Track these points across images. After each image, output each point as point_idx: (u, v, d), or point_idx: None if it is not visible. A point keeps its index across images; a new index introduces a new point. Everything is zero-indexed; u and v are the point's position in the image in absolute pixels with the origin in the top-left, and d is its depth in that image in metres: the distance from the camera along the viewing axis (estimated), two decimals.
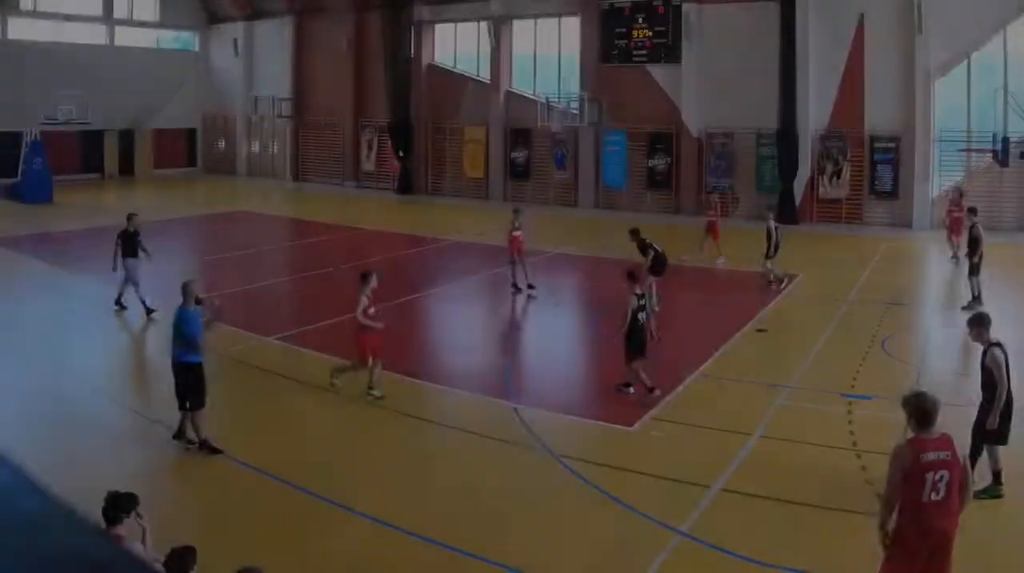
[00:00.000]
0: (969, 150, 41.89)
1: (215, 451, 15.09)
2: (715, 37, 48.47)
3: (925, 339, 23.59)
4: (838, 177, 46.10)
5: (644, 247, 25.49)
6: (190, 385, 15.26)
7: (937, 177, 44.70)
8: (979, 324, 13.83)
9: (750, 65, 46.88)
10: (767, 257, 28.89)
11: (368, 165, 61.46)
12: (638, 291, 18.01)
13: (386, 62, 57.79)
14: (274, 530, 12.47)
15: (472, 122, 56.63)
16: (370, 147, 61.17)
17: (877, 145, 45.25)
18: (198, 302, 15.71)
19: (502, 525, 12.75)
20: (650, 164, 50.76)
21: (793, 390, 18.32)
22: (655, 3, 50.12)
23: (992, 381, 13.33)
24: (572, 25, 53.32)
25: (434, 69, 58.90)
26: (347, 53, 60.81)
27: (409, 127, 57.94)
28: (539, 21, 55.03)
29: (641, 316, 17.60)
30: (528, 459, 15.08)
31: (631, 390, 17.89)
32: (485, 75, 56.43)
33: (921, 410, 9.41)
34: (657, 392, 17.60)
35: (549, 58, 54.74)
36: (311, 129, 64.35)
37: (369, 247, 37.73)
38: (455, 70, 58.34)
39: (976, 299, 25.34)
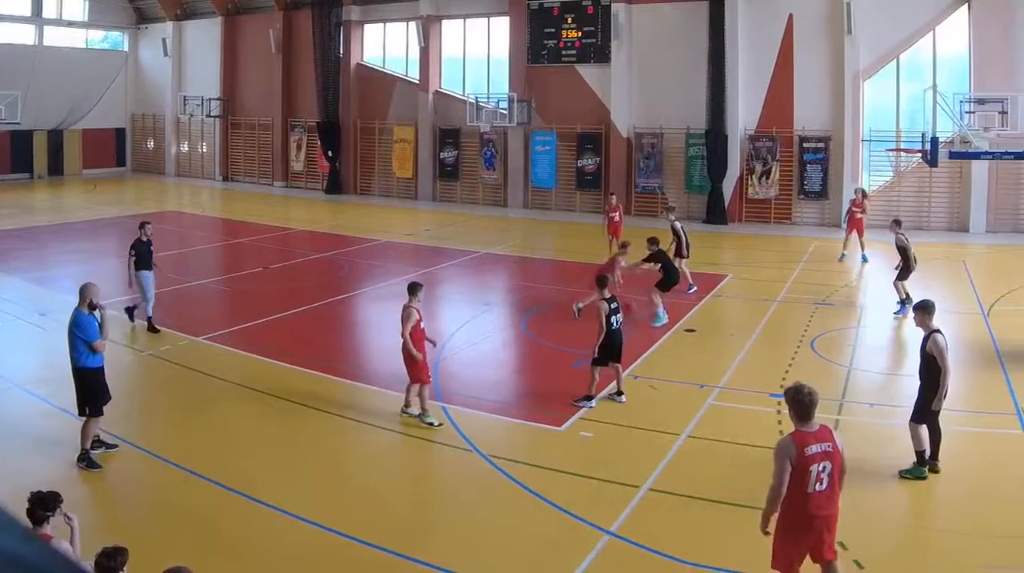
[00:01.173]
0: (898, 150, 40.20)
1: (93, 465, 14.14)
2: (644, 37, 46.67)
3: (855, 339, 22.52)
4: (767, 177, 44.25)
5: (655, 258, 24.26)
6: (87, 391, 14.37)
7: (866, 177, 43.32)
8: (923, 311, 14.03)
9: (680, 65, 45.31)
10: (681, 257, 27.24)
11: (297, 165, 58.97)
12: (607, 296, 17.08)
13: (315, 62, 55.45)
14: (201, 530, 12.02)
15: (401, 122, 54.26)
16: (299, 147, 58.58)
17: (806, 145, 43.46)
18: (92, 307, 14.46)
19: (431, 525, 12.49)
20: (579, 164, 48.66)
21: (722, 390, 17.86)
22: (584, 3, 48.14)
23: (933, 366, 13.50)
24: (501, 25, 51.18)
25: (363, 69, 56.39)
26: (276, 53, 58.38)
27: (338, 127, 55.53)
28: (468, 21, 52.78)
29: (614, 321, 16.85)
30: (457, 459, 14.69)
31: (592, 403, 16.91)
32: (414, 75, 53.99)
33: (798, 403, 9.67)
34: (592, 404, 16.85)
35: (478, 58, 52.58)
36: (240, 129, 61.59)
37: (298, 247, 36.38)
38: (384, 70, 55.94)
39: (905, 302, 24.14)
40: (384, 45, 55.95)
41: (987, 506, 12.55)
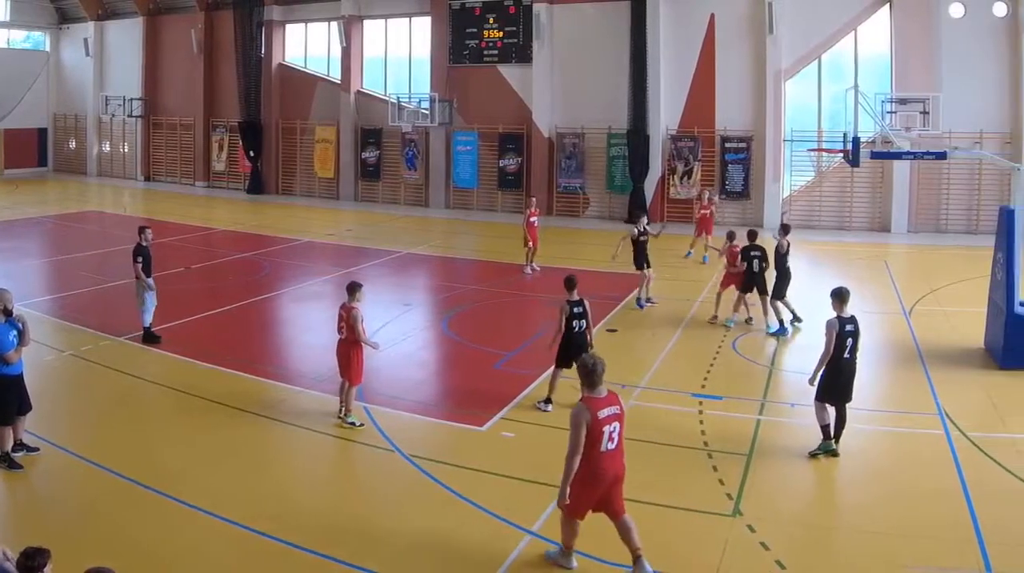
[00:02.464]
0: (820, 150, 38.43)
1: (15, 466, 13.23)
2: (566, 37, 44.25)
3: (776, 339, 21.43)
4: (689, 177, 41.93)
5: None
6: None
7: (788, 177, 41.27)
8: (835, 298, 14.05)
9: (601, 65, 43.05)
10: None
11: (219, 165, 55.46)
12: (574, 298, 16.04)
13: (237, 62, 52.30)
14: (123, 531, 11.32)
15: (323, 122, 51.27)
16: (221, 147, 55.22)
17: (728, 145, 41.24)
18: (8, 314, 13.26)
19: (352, 525, 11.63)
20: (501, 164, 46.10)
21: (644, 390, 17.07)
22: (506, 3, 45.73)
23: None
24: (423, 25, 48.54)
25: (285, 69, 53.26)
26: (198, 53, 54.91)
27: (260, 127, 52.33)
28: (390, 21, 50.02)
29: (577, 325, 15.91)
30: (379, 459, 13.97)
31: (549, 407, 15.94)
32: (336, 75, 51.04)
33: (590, 373, 10.06)
34: (549, 408, 15.93)
35: (400, 58, 49.95)
36: (162, 129, 57.90)
37: (219, 247, 34.57)
38: (306, 70, 52.69)
39: (793, 321, 22.39)
40: (306, 45, 52.94)
41: (909, 506, 12.03)
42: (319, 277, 28.40)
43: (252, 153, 52.36)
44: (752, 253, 22.15)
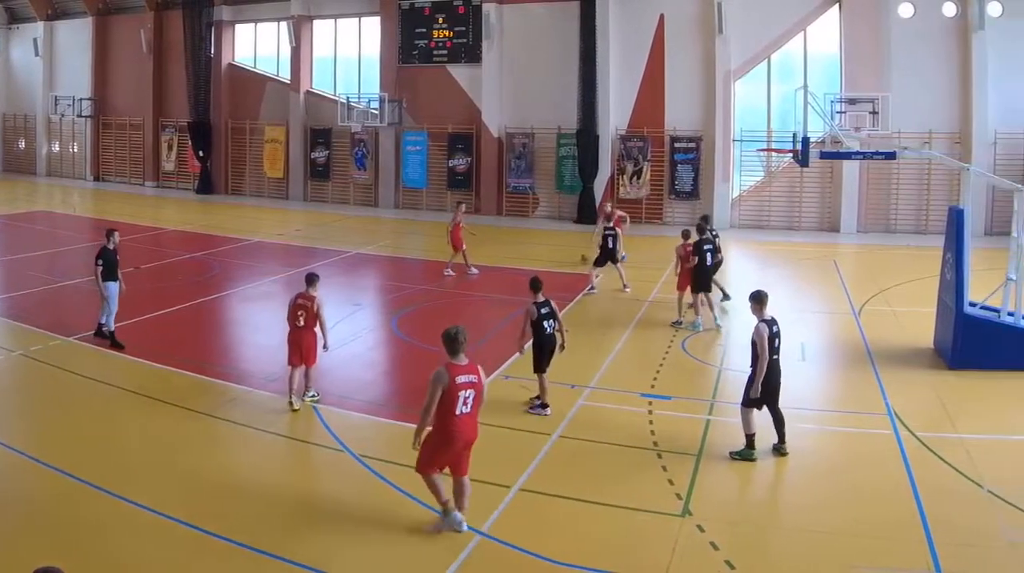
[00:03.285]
0: (769, 150, 36.90)
1: None
2: (516, 37, 42.54)
3: (724, 339, 20.88)
4: (639, 177, 40.31)
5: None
6: None
7: (737, 177, 39.71)
8: (754, 301, 13.70)
9: (551, 65, 41.38)
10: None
11: (168, 165, 53.01)
12: (540, 299, 15.48)
13: (186, 62, 49.92)
14: (72, 530, 10.84)
15: (272, 122, 49.08)
16: (170, 147, 52.79)
17: (678, 145, 39.67)
18: None
19: (302, 525, 11.19)
20: (451, 164, 44.18)
21: (593, 390, 16.55)
22: (455, 3, 43.89)
23: (755, 353, 13.16)
24: (372, 25, 46.58)
25: (234, 69, 50.93)
26: (147, 53, 52.35)
27: (209, 127, 50.11)
28: (339, 21, 48.00)
29: (547, 325, 15.37)
30: (329, 459, 13.52)
31: (547, 411, 15.34)
32: (285, 75, 48.95)
33: (453, 342, 10.55)
34: (548, 412, 15.34)
35: (349, 58, 47.95)
36: (111, 129, 55.09)
37: (169, 247, 32.88)
38: (255, 70, 50.58)
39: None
40: (255, 45, 50.85)
41: (859, 506, 11.66)
42: (268, 277, 27.23)
43: (201, 153, 50.17)
44: (704, 246, 21.57)
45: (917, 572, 9.96)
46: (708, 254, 21.46)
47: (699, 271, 21.38)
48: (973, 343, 17.41)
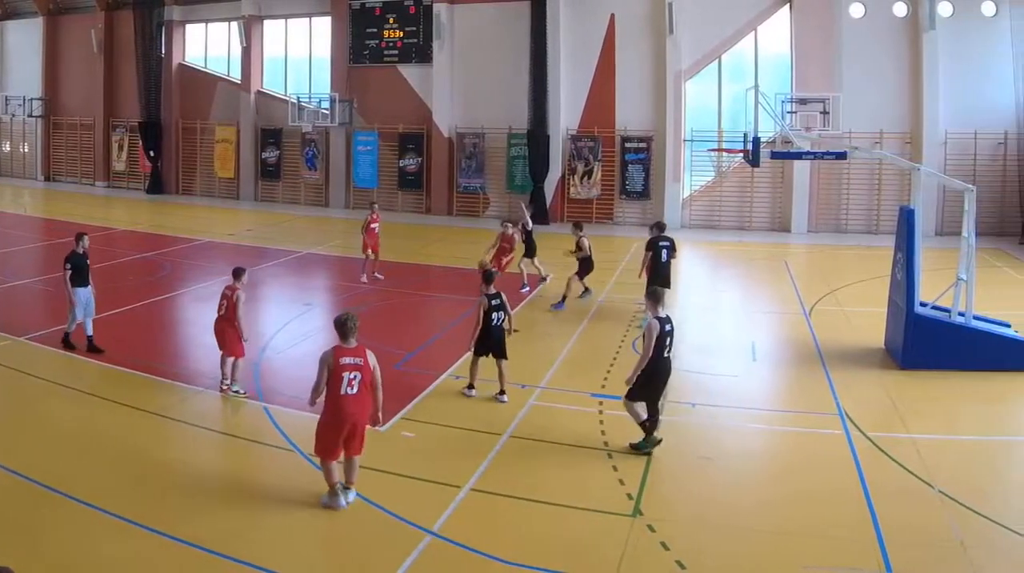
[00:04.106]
0: (720, 150, 35.27)
1: None
2: (467, 37, 40.50)
3: (675, 338, 17.99)
4: (589, 177, 38.47)
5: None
6: None
7: (688, 177, 38.00)
8: (649, 297, 13.33)
9: (502, 65, 39.49)
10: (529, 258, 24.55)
11: (119, 165, 50.21)
12: (491, 292, 15.28)
13: (137, 62, 47.37)
14: (19, 531, 10.28)
15: (223, 122, 46.58)
16: (121, 147, 50.02)
17: (628, 145, 37.89)
18: None
19: (253, 525, 10.59)
20: (401, 164, 41.99)
21: (544, 390, 15.90)
22: (406, 3, 41.70)
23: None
24: (323, 25, 44.26)
25: (185, 69, 48.33)
26: (98, 53, 49.56)
27: (160, 127, 47.60)
28: (290, 21, 45.57)
29: (496, 317, 15.18)
30: (279, 459, 12.79)
31: (473, 392, 15.37)
32: (236, 75, 46.50)
33: (339, 324, 10.92)
34: (474, 393, 15.39)
35: (300, 58, 45.60)
36: (62, 129, 52.29)
37: (119, 247, 30.81)
38: (206, 70, 48.06)
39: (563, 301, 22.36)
40: (206, 45, 48.33)
41: (810, 506, 11.27)
42: (219, 277, 25.03)
43: (152, 153, 47.64)
44: (660, 243, 20.85)
45: (868, 572, 9.59)
46: (664, 250, 20.70)
47: (655, 267, 20.59)
48: (924, 343, 16.84)
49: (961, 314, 16.99)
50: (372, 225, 25.72)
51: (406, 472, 12.31)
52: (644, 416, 12.85)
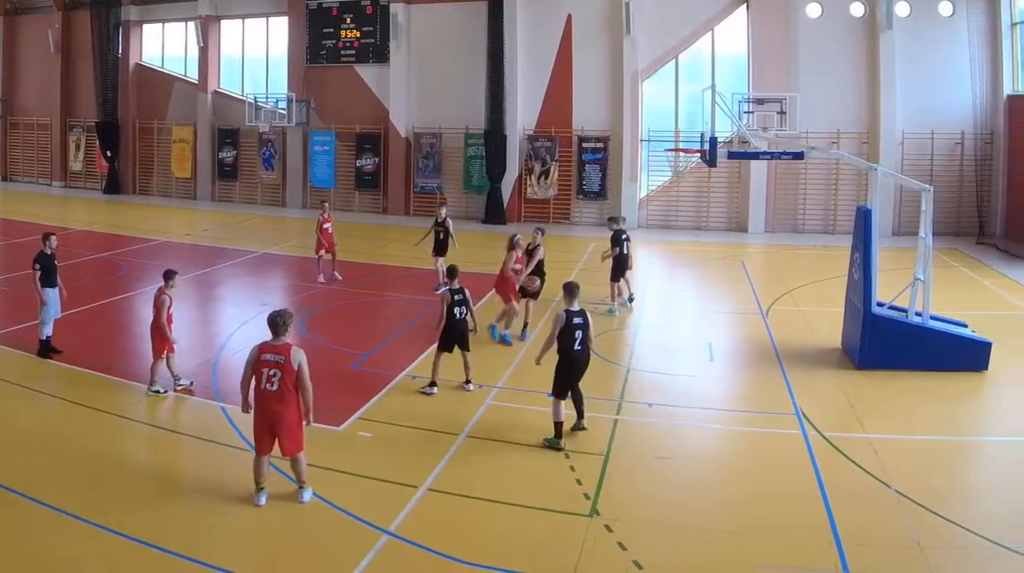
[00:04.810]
0: (677, 150, 33.79)
1: None
2: (424, 37, 38.58)
3: (632, 339, 19.34)
4: (546, 177, 36.69)
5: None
6: None
7: (645, 177, 36.41)
8: (565, 291, 13.22)
9: (459, 65, 37.62)
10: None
11: (76, 165, 47.74)
12: (455, 287, 15.12)
13: (94, 62, 44.98)
14: None
15: (180, 122, 44.30)
16: (78, 147, 47.56)
17: (585, 145, 36.20)
18: None
19: (209, 525, 10.30)
20: (358, 164, 39.93)
21: (500, 390, 15.37)
22: (363, 3, 39.68)
23: (556, 340, 12.81)
24: (280, 25, 42.17)
25: (142, 69, 45.95)
26: (55, 53, 47.10)
27: (117, 127, 45.27)
28: (247, 21, 43.42)
29: (458, 311, 14.92)
30: (235, 459, 12.02)
31: (434, 390, 14.96)
32: (193, 75, 44.30)
33: (269, 321, 10.70)
34: (435, 390, 14.95)
35: (257, 58, 43.47)
36: (19, 129, 49.63)
37: (76, 247, 29.16)
38: (163, 70, 45.77)
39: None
40: (163, 45, 46.03)
41: (767, 506, 10.81)
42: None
43: (109, 153, 45.33)
44: (623, 236, 20.97)
45: (825, 572, 9.32)
46: (625, 243, 20.78)
47: (619, 259, 20.65)
48: (881, 343, 16.34)
49: (918, 314, 16.45)
50: (325, 225, 24.41)
51: (363, 472, 11.92)
52: (563, 417, 12.68)
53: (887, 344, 16.29)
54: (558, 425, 12.69)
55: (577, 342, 12.75)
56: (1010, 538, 9.89)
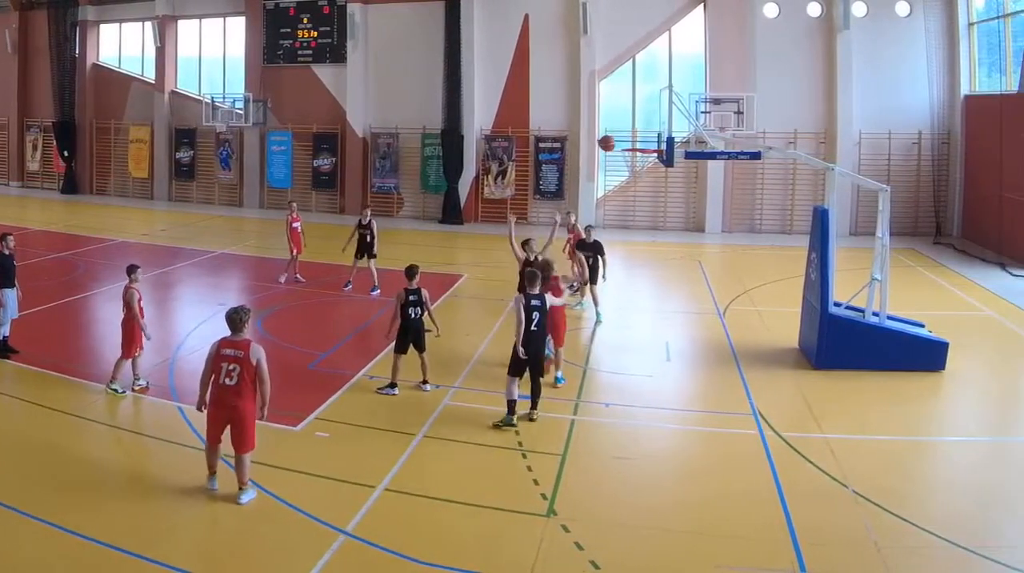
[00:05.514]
0: (634, 150, 32.16)
1: None
2: (381, 37, 36.69)
3: (590, 338, 18.72)
4: (503, 177, 34.92)
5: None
6: None
7: (602, 177, 34.75)
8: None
9: (416, 65, 35.84)
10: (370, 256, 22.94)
11: (33, 165, 45.38)
12: (410, 287, 14.36)
13: (51, 62, 42.83)
14: None
15: (137, 122, 42.05)
16: (35, 147, 45.21)
17: (542, 145, 34.47)
18: None
19: (167, 525, 9.99)
20: (315, 164, 37.93)
21: (457, 390, 14.58)
22: (320, 3, 37.68)
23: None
24: (237, 25, 40.13)
25: (99, 69, 43.63)
26: (12, 53, 44.69)
27: (74, 127, 43.07)
28: (204, 21, 41.33)
29: (412, 311, 14.30)
30: (193, 459, 11.35)
31: (395, 391, 14.24)
32: (150, 75, 42.11)
33: (227, 317, 10.60)
34: (395, 391, 14.30)
35: (214, 58, 41.40)
36: None
37: (33, 247, 27.93)
38: (120, 70, 43.54)
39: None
40: (120, 45, 43.82)
41: (724, 506, 10.43)
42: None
43: (66, 153, 43.13)
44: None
45: (782, 572, 8.98)
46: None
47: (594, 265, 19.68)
48: (838, 343, 15.83)
49: (875, 314, 15.95)
50: (294, 224, 23.50)
51: (320, 472, 11.49)
52: (515, 396, 12.65)
53: (844, 344, 15.75)
54: (511, 403, 12.65)
55: (534, 323, 12.71)
56: (966, 538, 9.54)
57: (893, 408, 14.09)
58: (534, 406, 13.03)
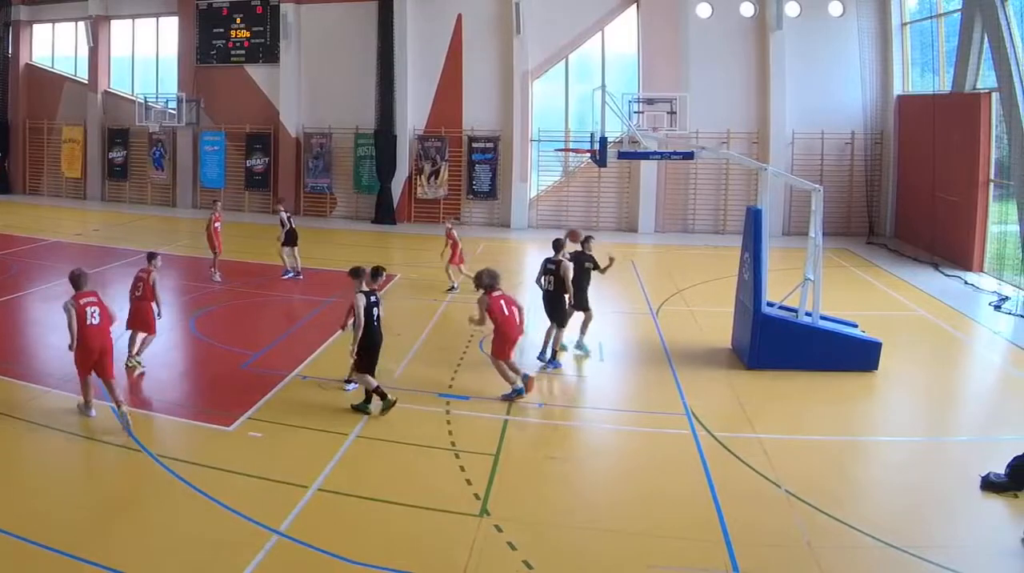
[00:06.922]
0: (567, 150, 29.96)
1: None
2: (314, 37, 33.64)
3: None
4: (436, 177, 32.08)
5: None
6: None
7: (535, 177, 32.02)
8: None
9: (349, 65, 32.85)
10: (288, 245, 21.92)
11: None
12: (365, 288, 12.57)
13: None
14: None
15: (70, 122, 38.51)
16: None
17: (475, 145, 31.67)
18: None
19: (101, 526, 9.28)
20: (248, 164, 34.71)
21: (391, 390, 12.85)
22: (253, 3, 34.45)
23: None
24: (170, 25, 36.79)
25: (32, 69, 39.98)
26: None
27: (6, 127, 39.46)
28: (137, 21, 37.89)
29: (375, 312, 12.57)
30: (127, 459, 11.01)
31: (352, 387, 13.24)
32: (83, 75, 38.59)
33: (73, 279, 11.53)
34: (350, 387, 13.34)
35: (147, 58, 38.00)
36: None
37: None
38: (53, 70, 39.92)
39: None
40: (53, 45, 40.21)
41: (657, 506, 9.85)
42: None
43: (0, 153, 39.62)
44: (584, 262, 16.53)
45: (716, 572, 8.20)
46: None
47: (579, 287, 15.90)
48: (771, 343, 14.85)
49: (808, 314, 15.09)
50: (215, 224, 22.02)
51: (253, 472, 10.70)
52: (375, 384, 12.24)
53: (777, 344, 14.82)
54: (377, 391, 12.24)
55: (376, 320, 12.35)
56: (899, 538, 8.98)
57: (826, 408, 13.29)
58: (368, 399, 12.56)
